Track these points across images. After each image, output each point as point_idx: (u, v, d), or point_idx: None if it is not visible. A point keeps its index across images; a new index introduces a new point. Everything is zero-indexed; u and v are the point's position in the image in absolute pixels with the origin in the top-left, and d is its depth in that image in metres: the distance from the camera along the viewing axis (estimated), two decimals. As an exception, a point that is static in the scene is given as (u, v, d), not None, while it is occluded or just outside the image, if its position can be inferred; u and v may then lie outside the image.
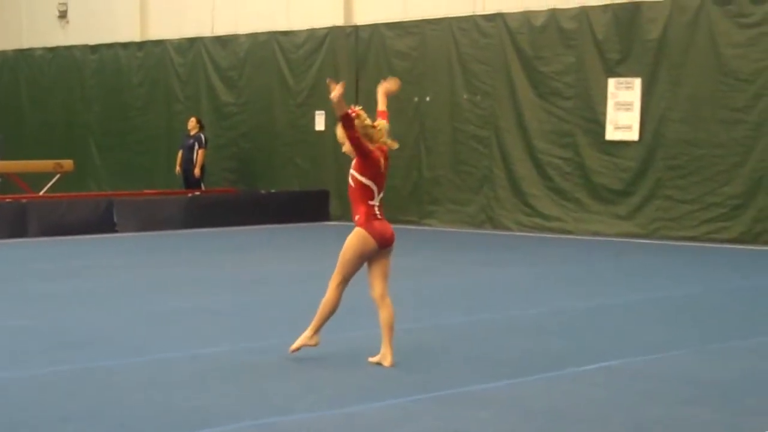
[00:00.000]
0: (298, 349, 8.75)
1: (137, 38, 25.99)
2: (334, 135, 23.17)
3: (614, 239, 18.78)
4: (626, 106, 18.98)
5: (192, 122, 22.84)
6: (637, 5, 18.92)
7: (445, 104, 21.09)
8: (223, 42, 24.33)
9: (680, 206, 18.52)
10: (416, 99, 21.45)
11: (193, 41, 24.83)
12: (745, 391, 7.89)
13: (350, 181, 8.75)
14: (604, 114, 19.22)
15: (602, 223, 19.30)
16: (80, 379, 8.12)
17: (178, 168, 22.91)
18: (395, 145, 8.99)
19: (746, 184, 17.95)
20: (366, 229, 8.66)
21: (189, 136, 22.69)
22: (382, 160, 8.82)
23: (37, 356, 8.92)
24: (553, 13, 19.72)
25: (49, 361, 8.71)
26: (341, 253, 8.64)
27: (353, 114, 8.61)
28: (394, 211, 21.62)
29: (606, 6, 19.21)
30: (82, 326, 10.37)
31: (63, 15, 27.47)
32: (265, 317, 11.00)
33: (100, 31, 26.51)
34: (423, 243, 18.81)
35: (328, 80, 8.93)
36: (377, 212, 8.79)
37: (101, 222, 19.78)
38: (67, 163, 23.05)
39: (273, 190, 22.52)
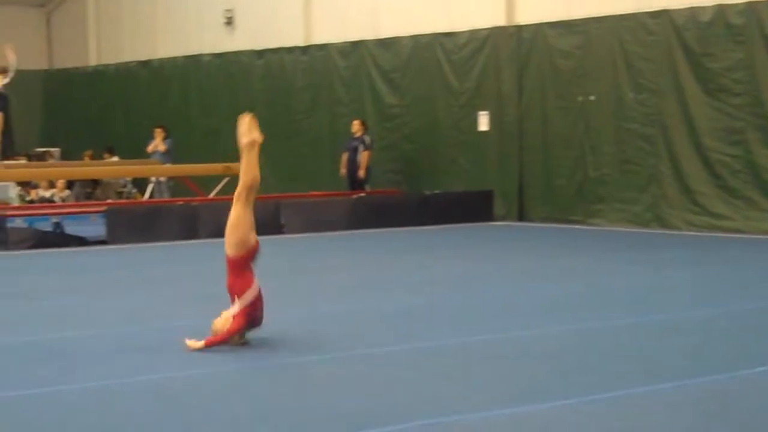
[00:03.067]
0: None
1: (302, 43, 26.33)
2: (498, 135, 23.16)
3: (786, 238, 18.34)
4: (798, 102, 18.50)
5: (356, 124, 23.06)
6: (808, -2, 18.45)
7: (609, 103, 20.84)
8: (386, 44, 24.49)
9: None
10: (580, 98, 21.24)
11: (356, 44, 25.05)
12: None
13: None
14: (774, 110, 18.77)
15: (774, 221, 18.84)
16: (269, 376, 8.30)
17: (343, 170, 23.14)
18: None
19: None
20: None
21: (353, 139, 22.91)
22: None
23: (205, 355, 9.12)
24: (721, 9, 19.32)
25: (235, 358, 8.92)
26: None
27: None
28: (558, 211, 21.59)
29: (775, 0, 18.77)
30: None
31: (230, 21, 27.99)
32: (434, 318, 11.04)
33: (266, 36, 26.93)
34: (589, 242, 18.66)
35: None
36: None
37: (268, 223, 20.07)
38: (236, 166, 23.33)
39: (437, 191, 22.56)
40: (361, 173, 22.71)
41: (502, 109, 22.41)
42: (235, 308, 9.22)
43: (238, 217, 9.49)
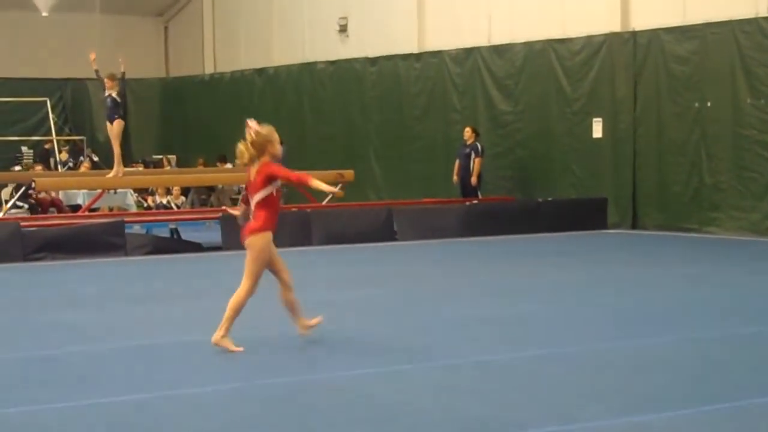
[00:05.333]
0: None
1: (415, 50, 26.42)
2: (612, 142, 22.97)
3: None
4: None
5: (468, 131, 23.05)
6: None
7: (726, 109, 20.56)
8: (500, 51, 24.45)
9: None
10: (697, 104, 20.98)
11: (469, 51, 25.05)
12: None
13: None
14: None
15: None
16: (378, 382, 8.36)
17: (455, 177, 23.15)
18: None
19: None
20: None
21: (465, 145, 22.91)
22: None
23: (328, 360, 9.21)
24: (842, 13, 18.97)
25: (344, 365, 9.00)
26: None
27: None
28: (673, 219, 21.34)
29: None
30: (370, 332, 10.64)
31: (343, 29, 28.20)
32: (547, 325, 11.00)
33: (379, 43, 27.08)
34: (705, 251, 18.43)
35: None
36: (252, 216, 9.98)
37: (382, 230, 20.22)
38: (348, 173, 23.60)
39: (550, 198, 22.46)
40: (474, 180, 22.69)
41: (616, 115, 22.24)
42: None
43: None
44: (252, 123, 10.07)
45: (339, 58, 28.16)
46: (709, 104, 20.80)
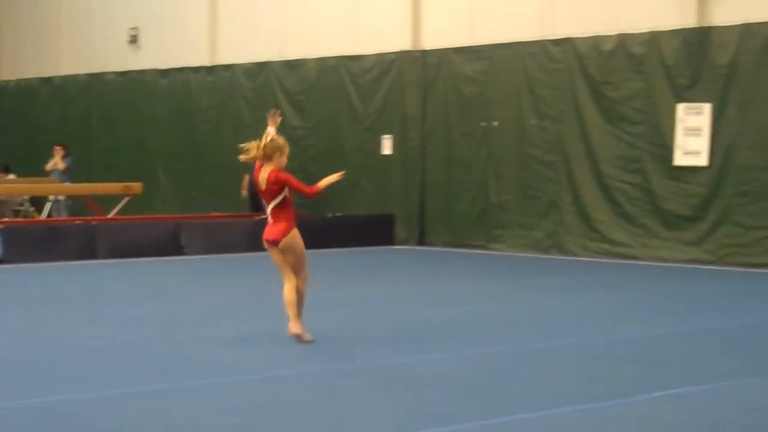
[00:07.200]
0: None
1: (207, 63, 26.21)
2: (401, 159, 23.29)
3: (682, 265, 18.59)
4: (695, 132, 18.81)
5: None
6: (706, 30, 18.78)
7: (512, 129, 21.03)
8: (292, 66, 24.48)
9: (749, 232, 18.31)
10: (483, 124, 21.41)
11: (262, 66, 25.00)
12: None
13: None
14: (672, 139, 19.06)
15: (670, 249, 19.12)
16: (153, 400, 8.19)
17: (244, 191, 23.03)
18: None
19: (818, 212, 17.73)
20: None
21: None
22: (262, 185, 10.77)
23: (117, 377, 8.99)
24: (623, 38, 19.61)
25: (128, 382, 8.79)
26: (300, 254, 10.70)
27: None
28: (459, 236, 21.71)
29: (675, 31, 19.08)
30: (155, 349, 10.45)
31: (134, 40, 27.77)
32: (323, 342, 10.98)
33: (171, 55, 26.77)
34: (489, 267, 18.77)
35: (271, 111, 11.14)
36: (269, 219, 10.78)
37: (169, 244, 19.94)
38: (136, 186, 23.26)
39: (339, 214, 22.55)
40: (264, 195, 22.59)
41: (405, 133, 22.52)
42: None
43: None
44: (271, 130, 10.83)
45: (129, 69, 27.72)
46: (495, 124, 21.24)
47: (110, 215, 22.27)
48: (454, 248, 21.48)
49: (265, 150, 10.59)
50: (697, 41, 18.83)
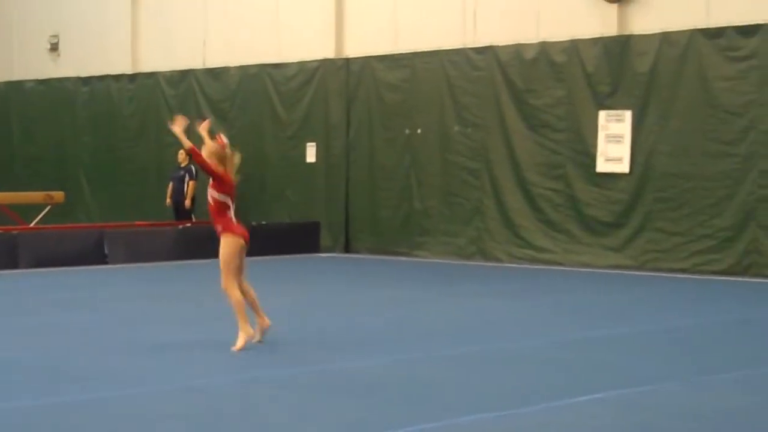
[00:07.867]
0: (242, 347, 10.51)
1: (129, 70, 26.03)
2: (326, 166, 23.31)
3: (605, 271, 18.78)
4: (617, 139, 19.04)
5: (182, 154, 22.77)
6: (626, 39, 19.01)
7: (435, 136, 21.14)
8: (215, 74, 24.39)
9: (671, 238, 18.56)
10: (407, 131, 21.49)
11: (184, 73, 24.88)
12: (738, 424, 7.89)
13: (209, 200, 11.18)
14: (594, 146, 19.27)
15: (592, 254, 19.32)
16: (70, 413, 8.10)
17: (168, 200, 22.89)
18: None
19: (736, 217, 17.99)
20: (233, 232, 10.98)
21: (179, 168, 22.68)
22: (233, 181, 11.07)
23: (26, 389, 8.89)
24: (544, 47, 19.80)
25: (38, 393, 8.69)
26: (223, 261, 10.84)
27: (220, 143, 11.22)
28: (384, 243, 21.75)
29: (596, 39, 19.29)
30: (75, 358, 10.35)
31: (54, 47, 27.51)
32: (250, 352, 10.96)
33: (92, 63, 26.55)
34: (413, 274, 18.82)
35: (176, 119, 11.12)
36: (234, 220, 11.07)
37: (92, 253, 19.75)
38: (58, 195, 23.03)
39: (264, 222, 22.49)
40: (187, 203, 22.50)
41: (329, 140, 22.53)
42: None
43: None
44: (223, 136, 11.37)
45: (50, 77, 27.44)
46: (419, 131, 21.34)
47: (32, 224, 22.02)
48: (379, 255, 21.52)
49: (215, 156, 11.20)
50: (618, 49, 19.06)
